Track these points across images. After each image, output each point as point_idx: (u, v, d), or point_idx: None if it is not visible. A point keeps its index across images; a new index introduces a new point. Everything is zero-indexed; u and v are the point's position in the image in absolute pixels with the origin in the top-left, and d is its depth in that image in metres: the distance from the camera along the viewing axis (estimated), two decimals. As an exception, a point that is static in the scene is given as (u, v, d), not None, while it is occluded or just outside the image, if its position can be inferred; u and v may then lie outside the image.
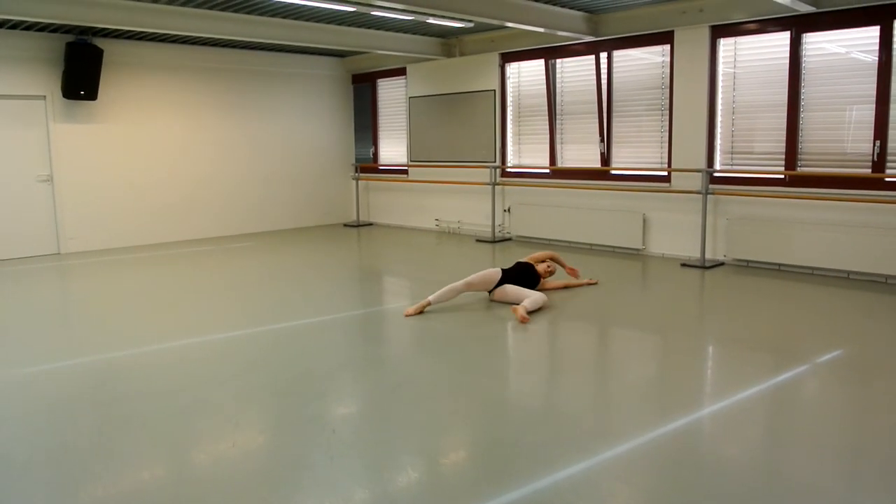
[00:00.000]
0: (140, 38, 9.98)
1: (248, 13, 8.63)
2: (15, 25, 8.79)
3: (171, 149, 10.69)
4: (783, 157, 7.72)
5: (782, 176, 7.73)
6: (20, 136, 9.38)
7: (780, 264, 7.74)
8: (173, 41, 10.28)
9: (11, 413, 4.03)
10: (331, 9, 8.15)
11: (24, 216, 9.46)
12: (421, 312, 6.09)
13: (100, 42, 9.59)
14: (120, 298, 7.08)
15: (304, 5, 8.01)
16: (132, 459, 3.41)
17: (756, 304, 6.41)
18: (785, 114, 7.66)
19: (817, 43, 7.41)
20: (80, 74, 9.39)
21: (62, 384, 4.49)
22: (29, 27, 8.92)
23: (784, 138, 7.69)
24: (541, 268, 6.88)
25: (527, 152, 10.36)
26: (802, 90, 7.53)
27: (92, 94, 9.59)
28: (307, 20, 9.14)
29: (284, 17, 8.95)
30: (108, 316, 6.34)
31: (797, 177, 7.63)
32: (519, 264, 6.83)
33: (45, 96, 9.47)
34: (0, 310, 6.82)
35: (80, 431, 3.72)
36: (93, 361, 4.95)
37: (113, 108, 10.06)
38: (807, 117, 7.56)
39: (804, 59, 7.49)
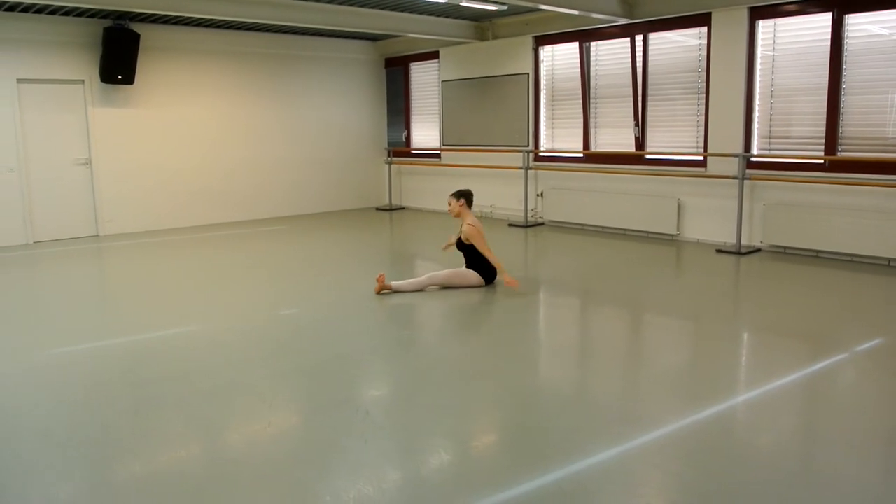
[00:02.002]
0: (176, 23, 10.07)
1: (282, -3, 8.67)
2: (54, 11, 8.92)
3: (207, 132, 10.80)
4: (823, 141, 7.56)
5: (822, 161, 7.57)
6: (60, 120, 9.54)
7: (818, 251, 7.61)
8: (208, 25, 10.36)
9: (52, 392, 4.12)
10: (364, -8, 8.15)
11: (63, 199, 9.64)
12: (382, 291, 6.17)
13: (137, 27, 9.69)
14: (156, 280, 7.20)
15: (337, -11, 8.02)
16: (168, 439, 3.48)
17: (793, 292, 6.31)
18: (825, 97, 7.49)
19: (860, 24, 7.22)
20: (118, 59, 9.51)
21: (100, 364, 4.59)
22: (68, 12, 9.05)
23: (824, 122, 7.53)
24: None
25: (560, 136, 10.28)
26: (844, 73, 7.36)
27: (129, 79, 9.71)
28: (341, 4, 9.14)
29: (318, 1, 8.96)
30: (144, 297, 6.45)
31: (837, 162, 7.47)
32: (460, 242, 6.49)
33: (83, 81, 9.61)
34: (40, 291, 6.98)
35: (118, 411, 3.80)
36: (129, 342, 5.05)
37: (149, 92, 10.18)
38: (848, 101, 7.38)
39: (846, 40, 7.31)
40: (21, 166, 9.23)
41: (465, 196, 6.52)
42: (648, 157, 9.13)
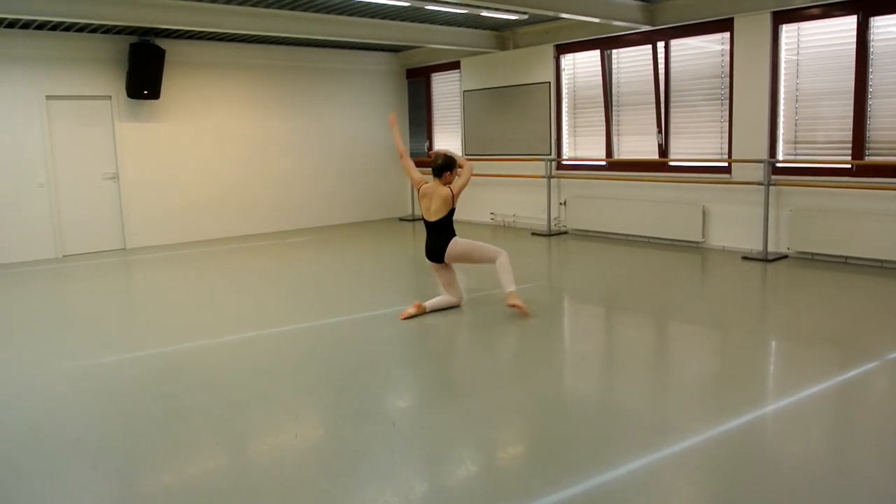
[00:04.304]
0: (200, 38, 10.19)
1: (305, 10, 8.74)
2: (82, 28, 9.07)
3: (231, 145, 10.90)
4: (850, 145, 7.47)
5: (849, 165, 7.48)
6: (87, 136, 9.69)
7: (846, 257, 7.51)
8: (232, 40, 10.47)
9: (82, 401, 4.18)
10: (386, 4, 8.19)
11: (91, 213, 9.77)
12: (416, 315, 5.76)
13: (162, 42, 9.83)
14: (182, 292, 7.27)
15: (360, 1, 8.08)
16: (196, 449, 3.50)
17: (821, 298, 6.23)
18: (851, 101, 7.40)
19: (886, 26, 7.13)
20: (144, 74, 9.65)
21: (129, 375, 4.63)
22: (95, 29, 9.20)
23: (851, 126, 7.44)
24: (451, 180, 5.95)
25: (583, 144, 10.25)
26: (870, 76, 7.27)
27: (155, 94, 9.84)
28: (362, 16, 9.20)
29: (340, 14, 9.03)
30: (170, 309, 6.51)
31: (865, 166, 7.37)
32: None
33: (110, 96, 9.75)
34: (69, 303, 7.08)
35: (147, 421, 3.84)
36: (157, 353, 5.10)
37: (175, 107, 10.31)
38: (875, 104, 7.29)
39: (872, 43, 7.22)
40: (50, 181, 9.37)
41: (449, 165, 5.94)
42: (672, 164, 9.07)
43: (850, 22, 7.31)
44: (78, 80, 9.49)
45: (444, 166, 5.91)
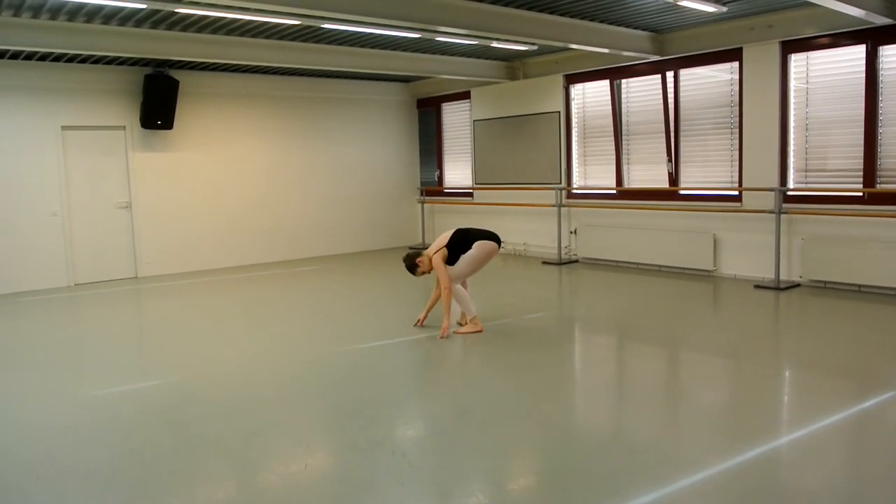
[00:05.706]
0: (213, 69, 10.33)
1: (317, 42, 8.85)
2: (97, 60, 9.21)
3: (242, 175, 10.99)
4: (861, 173, 7.46)
5: (860, 193, 7.46)
6: (101, 165, 9.79)
7: (859, 285, 7.45)
8: (244, 71, 10.60)
9: (93, 431, 4.17)
10: (397, 35, 8.28)
11: (104, 242, 9.84)
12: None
13: (176, 73, 9.96)
14: (193, 321, 7.28)
15: (370, 33, 8.17)
16: (206, 478, 3.49)
17: (835, 327, 6.18)
18: (862, 129, 7.40)
19: (895, 55, 7.15)
20: (158, 105, 9.77)
21: (140, 405, 4.63)
22: (110, 61, 9.34)
23: (861, 154, 7.44)
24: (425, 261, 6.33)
25: (592, 173, 10.27)
26: (880, 104, 7.28)
27: (168, 124, 9.96)
28: (373, 47, 9.31)
29: (352, 45, 9.13)
30: (181, 338, 6.52)
31: (877, 194, 7.35)
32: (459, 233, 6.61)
33: (124, 126, 9.87)
34: (81, 332, 7.10)
35: (158, 451, 3.82)
36: (168, 383, 5.10)
37: (188, 137, 10.41)
38: (886, 132, 7.29)
39: (881, 72, 7.24)
40: (64, 210, 9.46)
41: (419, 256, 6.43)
42: (682, 192, 9.07)
43: (859, 51, 7.34)
44: (93, 110, 9.62)
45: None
